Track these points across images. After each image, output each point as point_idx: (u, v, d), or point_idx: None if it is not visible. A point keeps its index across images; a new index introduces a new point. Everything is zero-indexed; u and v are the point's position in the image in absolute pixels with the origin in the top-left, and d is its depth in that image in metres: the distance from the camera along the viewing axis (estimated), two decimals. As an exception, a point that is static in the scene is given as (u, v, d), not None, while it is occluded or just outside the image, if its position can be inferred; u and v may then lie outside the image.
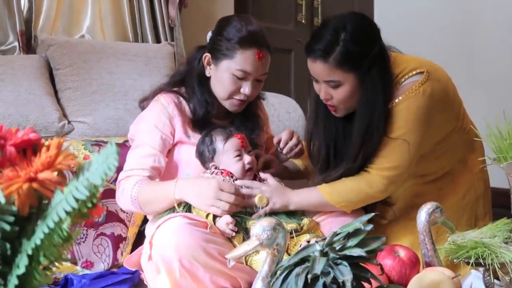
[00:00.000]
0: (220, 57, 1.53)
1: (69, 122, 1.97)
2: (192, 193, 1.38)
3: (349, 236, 0.90)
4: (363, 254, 0.86)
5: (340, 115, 1.54)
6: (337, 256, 0.86)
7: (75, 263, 1.56)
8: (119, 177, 1.52)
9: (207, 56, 1.57)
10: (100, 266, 1.60)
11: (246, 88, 1.52)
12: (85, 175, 0.62)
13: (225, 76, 1.52)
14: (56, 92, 2.04)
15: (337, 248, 0.88)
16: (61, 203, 0.61)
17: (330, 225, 1.51)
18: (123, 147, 1.78)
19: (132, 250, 1.63)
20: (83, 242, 1.59)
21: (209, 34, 1.60)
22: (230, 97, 1.55)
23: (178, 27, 2.58)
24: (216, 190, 1.35)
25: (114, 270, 1.60)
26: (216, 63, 1.54)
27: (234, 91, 1.53)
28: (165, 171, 1.54)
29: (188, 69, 1.63)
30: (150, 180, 1.47)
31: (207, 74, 1.58)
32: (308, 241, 1.37)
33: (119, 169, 1.71)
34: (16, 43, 2.19)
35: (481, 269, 1.27)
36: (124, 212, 1.68)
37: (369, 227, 0.92)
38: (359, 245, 0.88)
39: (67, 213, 0.61)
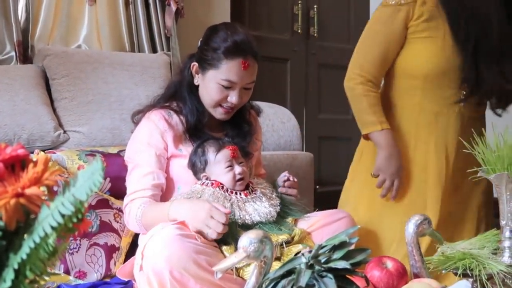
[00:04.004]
0: (206, 67, 1.55)
1: (64, 132, 1.98)
2: (186, 216, 1.38)
3: (334, 248, 0.91)
4: (348, 266, 0.87)
5: None
6: (322, 269, 0.88)
7: (68, 273, 1.56)
8: (124, 201, 1.55)
9: (194, 65, 1.60)
10: (93, 276, 1.60)
11: (233, 97, 1.54)
12: (71, 190, 0.64)
13: (211, 85, 1.55)
14: (52, 102, 2.05)
15: (323, 260, 0.89)
16: (47, 218, 0.62)
17: (321, 235, 1.53)
18: (118, 157, 1.80)
19: (126, 260, 1.63)
20: (76, 252, 1.60)
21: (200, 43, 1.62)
22: (217, 105, 1.57)
23: (174, 37, 2.61)
24: (207, 216, 1.33)
25: (107, 280, 1.60)
26: (203, 72, 1.57)
27: (220, 100, 1.56)
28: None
29: (180, 79, 1.66)
30: (153, 201, 1.50)
31: (195, 83, 1.61)
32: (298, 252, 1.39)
33: (111, 179, 1.74)
34: (13, 53, 2.20)
35: (471, 280, 1.28)
36: (117, 222, 1.70)
37: (355, 239, 0.93)
38: (344, 257, 0.90)
39: (53, 228, 0.62)
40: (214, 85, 1.54)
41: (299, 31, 3.51)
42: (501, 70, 1.66)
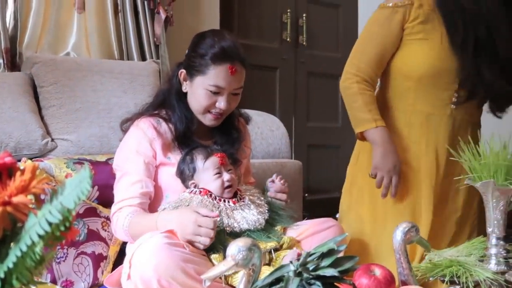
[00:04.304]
0: (194, 73, 1.56)
1: (52, 140, 1.97)
2: (174, 227, 1.39)
3: (323, 256, 0.91)
4: (336, 274, 0.88)
5: None
6: (311, 276, 0.88)
7: (55, 283, 1.55)
8: (112, 210, 1.54)
9: (182, 72, 1.61)
10: (80, 286, 1.59)
11: (221, 103, 1.55)
12: (58, 198, 0.64)
13: (199, 92, 1.56)
14: (40, 110, 2.04)
15: (311, 268, 0.89)
16: (35, 227, 0.62)
17: (310, 244, 1.53)
18: (106, 165, 1.79)
19: (113, 268, 1.62)
20: (63, 261, 1.58)
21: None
22: (206, 112, 1.58)
23: (163, 45, 2.61)
24: (195, 226, 1.34)
25: (95, 289, 1.59)
26: (191, 79, 1.58)
27: (209, 106, 1.56)
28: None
29: (168, 87, 1.66)
30: (140, 211, 1.50)
31: (184, 90, 1.62)
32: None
33: (99, 188, 1.73)
34: (0, 60, 2.19)
35: (458, 287, 1.29)
36: (105, 230, 1.69)
37: (343, 247, 0.94)
38: (332, 265, 0.90)
39: (40, 236, 0.62)
40: (202, 91, 1.55)
41: (288, 39, 3.53)
42: (503, 71, 1.67)
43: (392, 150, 1.68)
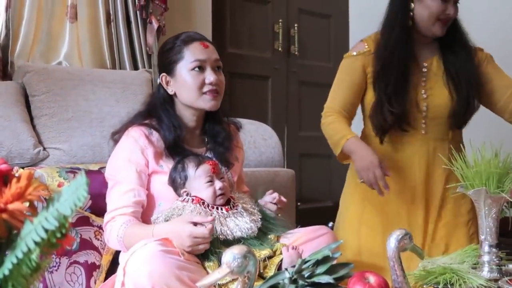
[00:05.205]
0: (173, 66, 1.60)
1: (44, 149, 1.96)
2: (171, 239, 1.39)
3: (318, 263, 0.92)
4: (331, 281, 0.88)
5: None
6: (306, 283, 0.88)
7: (47, 292, 1.54)
8: (104, 219, 1.54)
9: (163, 76, 1.63)
10: (73, 295, 1.58)
11: (210, 77, 1.58)
12: (55, 205, 0.64)
13: (185, 77, 1.58)
14: (32, 119, 2.03)
15: (306, 275, 0.90)
16: (31, 234, 0.62)
17: (303, 251, 1.53)
18: (99, 174, 1.78)
19: (106, 278, 1.61)
20: (56, 270, 1.57)
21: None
22: (201, 93, 1.59)
23: (155, 54, 2.61)
24: (191, 239, 1.36)
25: (87, 298, 1.58)
26: (173, 74, 1.61)
27: (200, 85, 1.58)
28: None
29: (153, 102, 1.68)
30: (134, 220, 1.50)
31: (171, 92, 1.62)
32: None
33: (92, 197, 1.72)
34: (-8, 70, 2.18)
35: (451, 294, 1.30)
36: (98, 239, 1.68)
37: (338, 254, 0.94)
38: (327, 272, 0.90)
39: (36, 243, 0.61)
40: (188, 75, 1.58)
41: (280, 49, 3.55)
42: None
43: (367, 151, 1.77)
